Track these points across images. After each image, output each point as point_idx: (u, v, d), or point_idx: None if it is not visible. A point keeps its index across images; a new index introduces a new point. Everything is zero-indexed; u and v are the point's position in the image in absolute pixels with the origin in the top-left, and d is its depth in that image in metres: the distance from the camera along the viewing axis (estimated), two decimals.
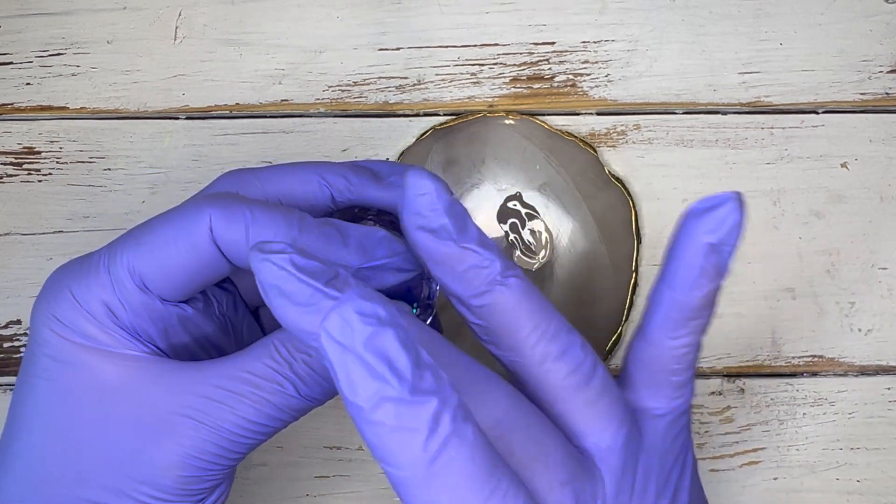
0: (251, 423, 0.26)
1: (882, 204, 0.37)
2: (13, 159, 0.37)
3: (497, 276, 0.24)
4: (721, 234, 0.24)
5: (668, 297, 0.25)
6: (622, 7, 0.38)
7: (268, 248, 0.21)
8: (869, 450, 0.36)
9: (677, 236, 0.25)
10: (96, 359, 0.26)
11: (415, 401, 0.19)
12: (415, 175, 0.24)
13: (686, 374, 0.26)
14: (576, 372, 0.25)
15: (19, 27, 0.38)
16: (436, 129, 0.37)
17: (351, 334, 0.19)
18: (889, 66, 0.37)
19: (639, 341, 0.26)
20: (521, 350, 0.25)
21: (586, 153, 0.37)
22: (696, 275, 0.24)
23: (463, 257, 0.24)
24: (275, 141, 0.37)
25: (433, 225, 0.24)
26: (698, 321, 0.25)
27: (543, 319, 0.25)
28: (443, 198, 0.24)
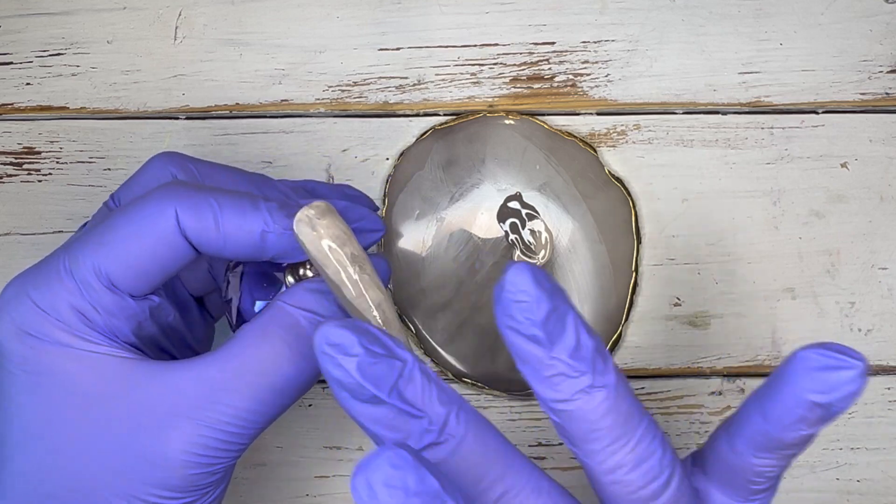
0: (251, 412, 0.26)
1: (882, 204, 0.37)
2: (13, 159, 0.37)
3: (586, 387, 0.23)
4: (832, 398, 0.22)
5: (760, 426, 0.24)
6: (622, 7, 0.38)
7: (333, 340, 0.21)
8: (869, 450, 0.36)
9: (782, 376, 0.23)
10: (77, 366, 0.25)
11: None
12: (515, 273, 0.22)
13: (766, 485, 0.25)
14: (649, 485, 0.24)
15: (19, 27, 0.38)
16: (436, 129, 0.37)
17: (373, 502, 0.19)
18: (889, 66, 0.37)
19: (723, 442, 0.25)
20: (594, 457, 0.24)
21: (586, 153, 0.37)
22: (793, 420, 0.23)
23: (551, 364, 0.23)
24: (275, 141, 0.37)
25: (526, 332, 0.22)
26: (787, 453, 0.24)
27: (625, 433, 0.24)
28: (542, 308, 0.22)
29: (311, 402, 0.36)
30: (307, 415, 0.36)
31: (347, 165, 0.37)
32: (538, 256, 0.36)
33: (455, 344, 0.36)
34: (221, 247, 0.26)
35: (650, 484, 0.24)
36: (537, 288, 0.22)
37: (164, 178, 0.29)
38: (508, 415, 0.36)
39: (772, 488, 0.25)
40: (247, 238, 0.26)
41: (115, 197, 0.29)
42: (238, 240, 0.26)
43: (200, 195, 0.26)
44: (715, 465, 0.25)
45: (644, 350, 0.37)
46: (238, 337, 0.26)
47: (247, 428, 0.26)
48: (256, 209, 0.26)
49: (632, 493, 0.24)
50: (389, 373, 0.22)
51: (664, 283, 0.37)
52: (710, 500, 0.26)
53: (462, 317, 0.36)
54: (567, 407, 0.23)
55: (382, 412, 0.22)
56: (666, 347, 0.37)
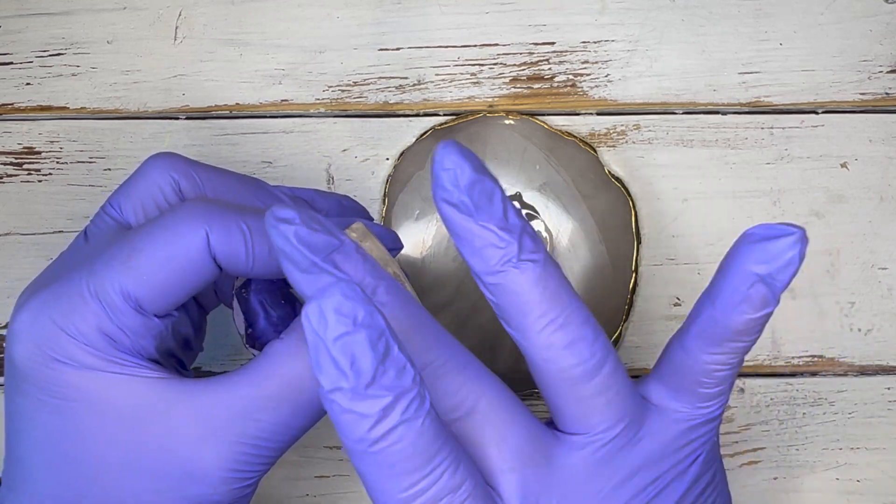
0: (289, 427, 0.26)
1: (882, 204, 0.37)
2: (13, 159, 0.37)
3: (513, 258, 0.24)
4: (773, 267, 0.23)
5: (709, 314, 0.25)
6: (622, 7, 0.38)
7: (279, 215, 0.23)
8: (869, 450, 0.36)
9: (728, 256, 0.25)
10: (108, 389, 0.25)
11: (367, 395, 0.21)
12: (442, 148, 0.24)
13: (716, 388, 0.26)
14: (576, 367, 0.25)
15: (19, 27, 0.38)
16: (436, 129, 0.37)
17: (325, 328, 0.20)
18: (889, 66, 0.37)
19: (674, 343, 0.26)
20: (526, 333, 0.25)
21: (586, 153, 0.37)
22: (739, 300, 0.24)
23: (481, 234, 0.24)
24: (275, 141, 0.37)
25: (454, 200, 0.24)
26: (737, 343, 0.25)
27: (554, 308, 0.25)
28: (465, 175, 0.24)
29: None
30: None
31: (347, 165, 0.37)
32: None
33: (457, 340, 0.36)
34: (249, 269, 0.27)
35: (581, 364, 0.25)
36: (462, 158, 0.24)
37: (166, 184, 0.29)
38: None
39: (723, 394, 0.26)
40: (276, 261, 0.27)
41: (114, 204, 0.29)
42: (267, 262, 0.27)
43: (231, 218, 0.26)
44: (665, 369, 0.26)
45: (644, 350, 0.37)
46: (271, 355, 0.26)
47: (283, 441, 0.26)
48: None
49: (562, 370, 0.25)
50: (326, 244, 0.23)
51: (664, 283, 0.37)
52: (659, 405, 0.26)
53: (462, 317, 0.36)
54: (497, 279, 0.24)
55: (321, 280, 0.23)
56: None
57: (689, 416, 0.26)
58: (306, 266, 0.23)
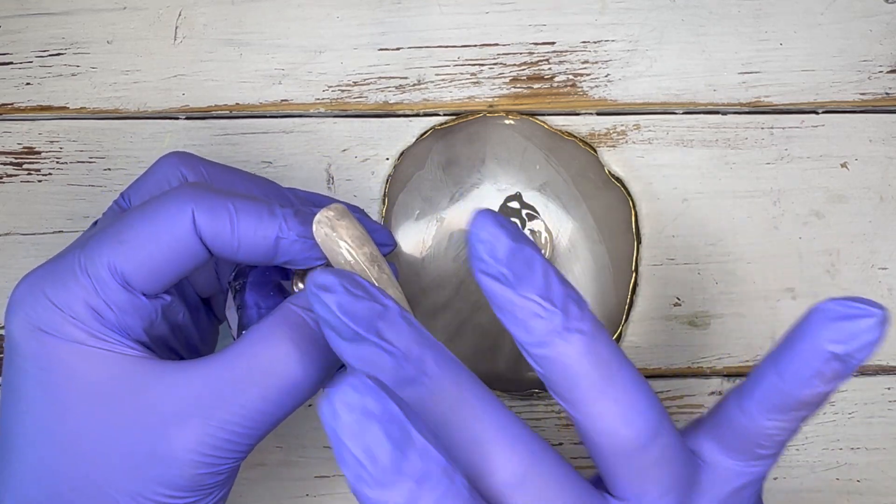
0: (260, 412, 0.26)
1: (882, 204, 0.37)
2: (13, 159, 0.37)
3: (559, 328, 0.23)
4: (851, 347, 0.22)
5: (774, 383, 0.24)
6: (622, 7, 0.38)
7: (319, 282, 0.23)
8: (869, 450, 0.36)
9: (799, 329, 0.23)
10: (90, 364, 0.26)
11: (389, 483, 0.20)
12: (477, 219, 0.23)
13: (773, 450, 0.25)
14: (633, 438, 0.24)
15: (19, 27, 0.38)
16: (436, 129, 0.37)
17: (338, 423, 0.20)
18: (889, 66, 0.37)
19: (732, 403, 0.25)
20: (576, 405, 0.24)
21: (586, 153, 0.37)
22: (810, 375, 0.23)
23: (524, 305, 0.23)
24: (275, 141, 0.37)
25: (493, 272, 0.23)
26: (801, 413, 0.24)
27: (604, 379, 0.24)
28: (502, 245, 0.23)
29: (311, 401, 0.36)
30: (307, 415, 0.36)
31: (347, 165, 0.37)
32: None
33: (455, 343, 0.36)
34: (235, 250, 0.27)
35: (636, 434, 0.24)
36: (497, 227, 0.23)
37: (175, 179, 0.29)
38: None
39: (777, 454, 0.25)
40: (261, 243, 0.27)
41: (125, 196, 0.30)
42: (252, 244, 0.27)
43: (218, 198, 0.26)
44: (721, 428, 0.25)
45: (644, 350, 0.37)
46: (246, 338, 0.26)
47: (254, 428, 0.26)
48: (272, 215, 0.27)
49: (618, 443, 0.24)
50: (369, 312, 0.23)
51: (664, 283, 0.37)
52: (711, 462, 0.25)
53: (462, 316, 0.36)
54: (544, 352, 0.24)
55: (364, 350, 0.23)
56: (666, 347, 0.37)
57: (742, 473, 0.25)
58: (349, 336, 0.23)
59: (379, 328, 0.23)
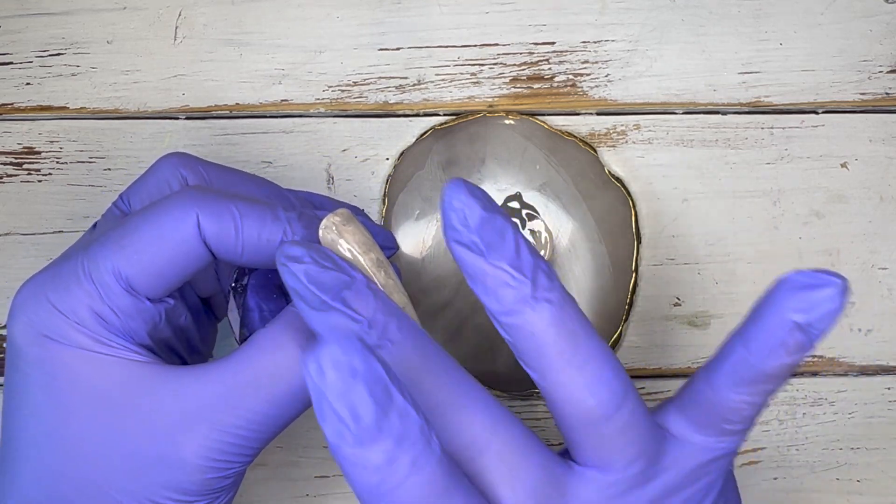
0: (266, 416, 0.26)
1: (882, 204, 0.37)
2: (13, 159, 0.37)
3: (528, 297, 0.24)
4: (813, 316, 0.23)
5: (741, 355, 0.24)
6: (622, 7, 0.38)
7: (288, 253, 0.24)
8: (869, 450, 0.36)
9: (765, 300, 0.24)
10: (95, 369, 0.26)
11: (370, 442, 0.20)
12: (450, 188, 0.24)
13: (739, 426, 0.25)
14: (597, 407, 0.24)
15: (19, 27, 0.38)
16: (436, 129, 0.37)
17: (323, 381, 0.20)
18: (889, 66, 0.37)
19: (701, 378, 0.26)
20: (543, 373, 0.24)
21: (586, 153, 0.37)
22: (775, 345, 0.24)
23: (494, 274, 0.24)
24: (275, 141, 0.37)
25: (465, 240, 0.24)
26: (766, 386, 0.25)
27: (570, 348, 0.24)
28: (475, 214, 0.23)
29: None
30: (307, 414, 0.36)
31: (347, 165, 0.37)
32: None
33: (455, 343, 0.36)
34: (239, 254, 0.27)
35: (600, 405, 0.24)
36: (469, 196, 0.23)
37: (175, 180, 0.29)
38: None
39: (744, 431, 0.26)
40: (265, 247, 0.27)
41: (124, 197, 0.30)
42: (257, 248, 0.27)
43: (222, 202, 0.26)
44: (688, 403, 0.26)
45: (644, 350, 0.37)
46: (253, 343, 0.26)
47: (262, 432, 0.26)
48: (276, 219, 0.27)
49: (581, 411, 0.24)
50: (336, 282, 0.24)
51: (664, 283, 0.37)
52: (678, 437, 0.26)
53: (462, 316, 0.36)
54: (512, 320, 0.24)
55: (331, 318, 0.23)
56: (666, 347, 0.37)
57: (709, 448, 0.25)
58: (317, 304, 0.23)
59: (345, 297, 0.24)
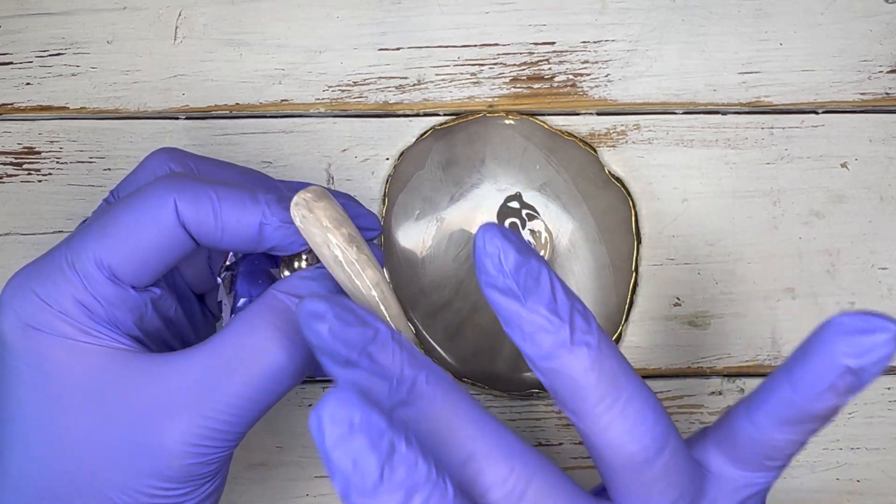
0: (245, 399, 0.26)
1: (882, 204, 0.37)
2: (13, 159, 0.37)
3: (566, 341, 0.23)
4: (865, 361, 0.23)
5: (787, 395, 0.24)
6: (622, 7, 0.38)
7: (310, 310, 0.23)
8: (869, 450, 0.36)
9: (813, 341, 0.24)
10: (79, 359, 0.26)
11: (378, 494, 0.20)
12: (482, 233, 0.23)
13: (780, 462, 0.25)
14: (640, 452, 0.24)
15: (19, 27, 0.38)
16: (436, 129, 0.37)
17: (322, 437, 0.20)
18: (889, 66, 0.37)
19: (741, 414, 0.25)
20: (584, 417, 0.24)
21: (586, 153, 0.37)
22: (824, 388, 0.23)
23: (531, 319, 0.23)
24: (275, 141, 0.37)
25: (500, 285, 0.23)
26: (812, 426, 0.24)
27: (611, 392, 0.24)
28: (510, 258, 0.23)
29: (311, 402, 0.36)
30: (307, 415, 0.36)
31: (347, 165, 0.37)
32: None
33: (455, 344, 0.36)
34: (219, 238, 0.27)
35: (642, 448, 0.24)
36: (504, 240, 0.23)
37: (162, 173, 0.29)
38: (508, 414, 0.36)
39: (784, 466, 0.25)
40: (245, 230, 0.27)
41: (114, 193, 0.30)
42: (236, 231, 0.27)
43: (200, 187, 0.26)
44: (728, 439, 0.25)
45: (644, 350, 0.37)
46: (230, 326, 0.26)
47: (241, 416, 0.26)
48: (255, 202, 0.27)
49: (624, 457, 0.24)
50: (360, 337, 0.23)
51: (664, 283, 0.37)
52: (717, 473, 0.25)
53: (462, 317, 0.36)
54: (551, 365, 0.24)
55: (357, 374, 0.23)
56: (666, 347, 0.37)
57: (748, 483, 0.25)
58: (342, 362, 0.23)
59: (370, 352, 0.23)
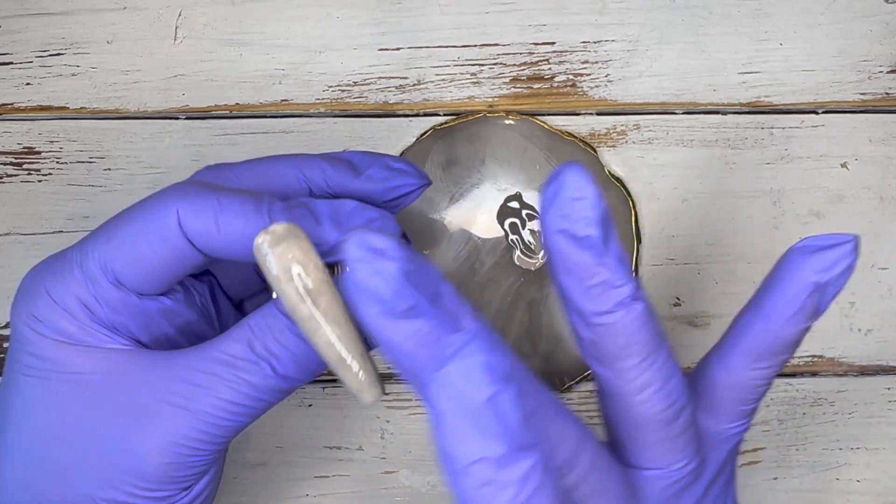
0: (231, 404, 0.25)
1: (882, 204, 0.37)
2: (13, 159, 0.37)
3: (627, 298, 0.23)
4: (830, 275, 0.23)
5: (760, 327, 0.25)
6: (622, 7, 0.38)
7: (372, 243, 0.19)
8: (869, 450, 0.36)
9: (782, 268, 0.24)
10: (76, 355, 0.26)
11: (514, 460, 0.18)
12: (574, 173, 0.21)
13: (754, 405, 0.26)
14: (668, 409, 0.24)
15: (19, 27, 0.38)
16: (436, 129, 0.37)
17: (473, 390, 0.17)
18: (889, 66, 0.37)
19: (714, 365, 0.26)
20: (624, 375, 0.24)
21: (586, 153, 0.37)
22: (795, 310, 0.24)
23: (598, 271, 0.22)
24: (275, 141, 0.37)
25: (579, 233, 0.22)
26: (783, 356, 0.25)
27: (655, 350, 0.24)
28: (600, 206, 0.22)
29: (311, 401, 0.36)
30: (307, 415, 0.36)
31: None
32: (538, 256, 0.36)
33: None
34: (223, 249, 0.26)
35: (672, 406, 0.24)
36: (593, 185, 0.21)
37: None
38: None
39: (755, 410, 0.26)
40: (249, 242, 0.25)
41: None
42: (239, 243, 0.25)
43: (204, 196, 0.25)
44: (706, 394, 0.26)
45: None
46: (232, 329, 0.26)
47: (227, 420, 0.26)
48: (259, 212, 0.25)
49: (656, 414, 0.24)
50: (428, 279, 0.20)
51: (664, 283, 0.37)
52: (707, 430, 0.26)
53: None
54: (607, 320, 0.23)
55: (417, 325, 0.20)
56: None
57: (728, 435, 0.26)
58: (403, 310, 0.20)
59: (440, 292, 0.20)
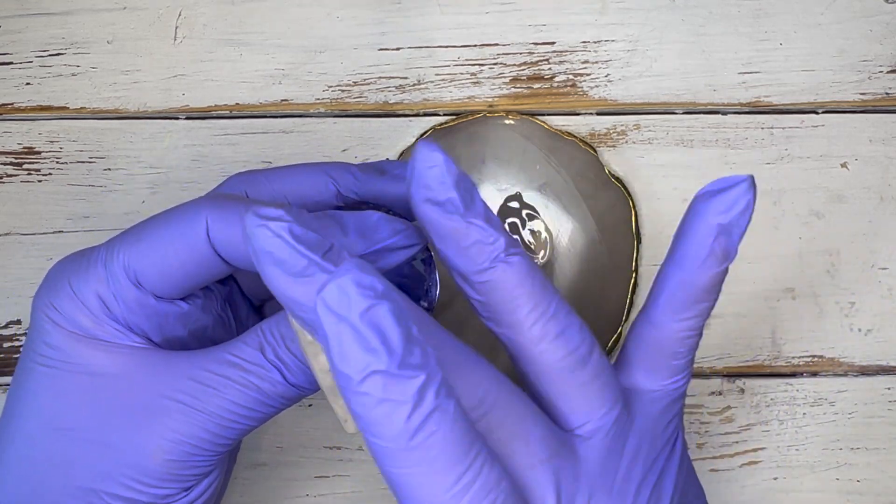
0: (239, 406, 0.26)
1: (882, 204, 0.37)
2: (13, 159, 0.37)
3: (500, 252, 0.24)
4: (731, 215, 0.24)
5: (676, 278, 0.25)
6: (622, 7, 0.38)
7: (264, 213, 0.21)
8: (869, 450, 0.36)
9: (687, 216, 0.25)
10: (89, 349, 0.26)
11: (402, 374, 0.19)
12: (425, 147, 0.23)
13: (686, 359, 0.26)
14: (571, 354, 0.25)
15: (19, 27, 0.38)
16: (436, 129, 0.37)
17: (348, 305, 0.19)
18: (889, 66, 0.37)
19: (642, 323, 0.27)
20: (518, 328, 0.25)
21: (586, 153, 0.37)
22: (705, 255, 0.25)
23: (468, 232, 0.24)
24: (275, 141, 0.37)
25: (440, 198, 0.23)
26: (704, 304, 0.26)
27: (543, 299, 0.25)
28: (452, 171, 0.23)
29: (311, 401, 0.36)
30: (307, 415, 0.36)
31: None
32: (538, 256, 0.36)
33: None
34: (246, 259, 0.26)
35: (574, 352, 0.25)
36: (445, 155, 0.23)
37: None
38: None
39: (689, 365, 0.27)
40: None
41: None
42: None
43: (234, 207, 0.26)
44: (637, 353, 0.27)
45: None
46: (245, 333, 0.26)
47: (234, 423, 0.26)
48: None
49: (558, 360, 0.25)
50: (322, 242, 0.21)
51: None
52: (635, 388, 0.27)
53: (462, 317, 0.36)
54: (487, 277, 0.24)
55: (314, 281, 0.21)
56: None
57: (664, 393, 0.26)
58: (300, 268, 0.21)
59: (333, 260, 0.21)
